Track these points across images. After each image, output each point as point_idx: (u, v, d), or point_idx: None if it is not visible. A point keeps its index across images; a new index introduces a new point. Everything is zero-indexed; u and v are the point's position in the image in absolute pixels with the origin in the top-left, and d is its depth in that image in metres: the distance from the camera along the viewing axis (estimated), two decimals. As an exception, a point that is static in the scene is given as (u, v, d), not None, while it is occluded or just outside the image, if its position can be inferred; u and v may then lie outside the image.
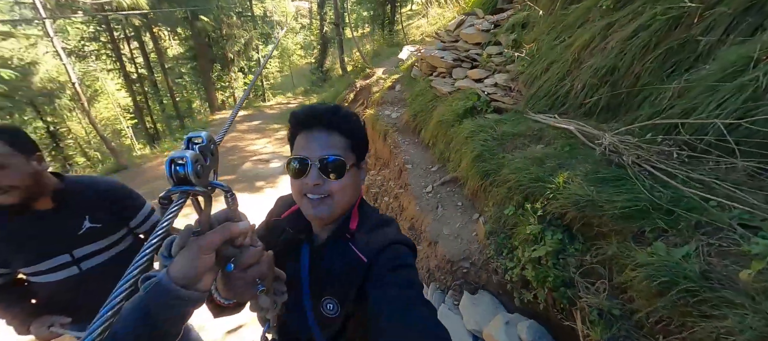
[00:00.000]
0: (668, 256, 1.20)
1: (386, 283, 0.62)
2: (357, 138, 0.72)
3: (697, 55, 1.92)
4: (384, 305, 0.58)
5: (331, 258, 0.72)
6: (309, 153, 0.67)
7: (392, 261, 0.66)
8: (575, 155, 1.96)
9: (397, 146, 3.96)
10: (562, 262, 1.61)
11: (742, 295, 0.99)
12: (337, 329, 0.72)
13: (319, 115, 0.69)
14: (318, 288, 0.72)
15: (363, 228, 0.74)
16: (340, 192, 0.69)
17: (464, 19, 4.55)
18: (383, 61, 9.82)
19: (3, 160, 0.94)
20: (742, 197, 1.27)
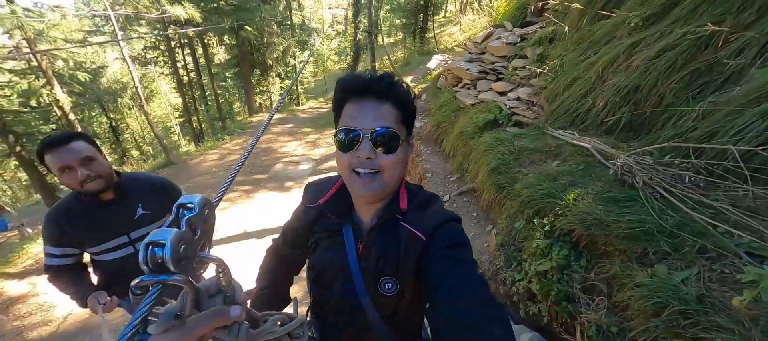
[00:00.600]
0: (668, 278, 1.23)
1: (445, 258, 0.62)
2: (409, 110, 0.67)
3: (725, 78, 1.87)
4: (443, 279, 0.59)
5: (386, 239, 0.70)
6: (360, 124, 0.63)
7: (450, 239, 0.65)
8: (589, 173, 1.98)
9: (419, 155, 4.08)
10: (567, 278, 1.65)
11: (733, 321, 1.01)
12: (393, 307, 0.71)
13: (373, 82, 0.63)
14: (373, 270, 0.70)
15: (411, 205, 0.72)
16: (391, 167, 0.65)
17: (492, 32, 4.61)
18: (413, 70, 10.00)
19: (93, 154, 1.22)
20: (752, 225, 1.26)
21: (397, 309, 0.72)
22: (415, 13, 13.72)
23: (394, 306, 0.71)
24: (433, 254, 0.64)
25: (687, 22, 2.18)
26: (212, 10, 9.49)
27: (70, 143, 1.17)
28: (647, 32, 2.37)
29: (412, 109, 0.68)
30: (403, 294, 0.70)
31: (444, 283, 0.58)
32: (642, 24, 2.48)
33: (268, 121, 1.32)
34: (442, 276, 0.60)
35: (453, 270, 0.60)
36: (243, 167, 4.34)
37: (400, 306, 0.72)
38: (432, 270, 0.62)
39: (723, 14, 2.02)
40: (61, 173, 1.18)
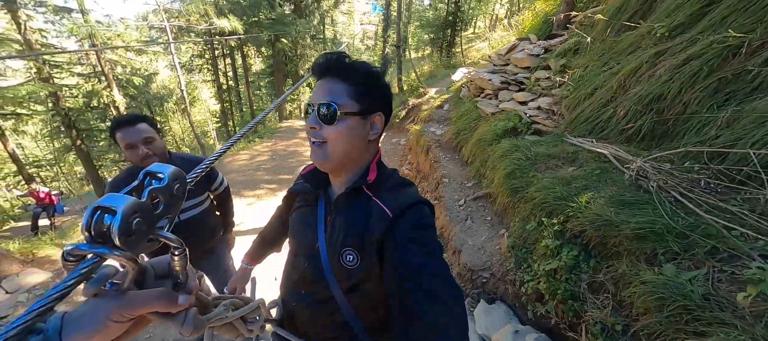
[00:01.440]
0: (675, 277, 1.22)
1: (410, 240, 0.63)
2: (364, 86, 0.70)
3: (754, 87, 1.81)
4: (406, 265, 0.59)
5: (352, 210, 0.73)
6: (315, 98, 0.69)
7: (417, 220, 0.66)
8: (604, 179, 1.97)
9: (438, 161, 4.14)
10: (574, 277, 1.64)
11: (736, 317, 1.00)
12: (354, 282, 0.72)
13: (328, 63, 0.70)
14: (337, 239, 0.72)
15: (385, 185, 0.74)
16: (334, 138, 0.69)
17: (517, 44, 4.65)
18: (438, 82, 10.12)
19: (153, 135, 1.44)
20: (760, 227, 1.22)
21: (358, 283, 0.72)
22: (443, 28, 13.96)
23: (355, 280, 0.71)
24: (399, 233, 0.65)
25: (715, 32, 2.14)
26: (253, 23, 10.29)
27: (136, 124, 1.40)
28: (673, 42, 2.34)
29: (371, 85, 0.70)
30: (364, 269, 0.70)
31: (408, 269, 0.58)
32: (668, 34, 2.45)
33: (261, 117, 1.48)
34: (406, 260, 0.60)
35: (418, 254, 0.60)
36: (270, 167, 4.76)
37: (362, 281, 0.71)
38: (397, 251, 0.62)
39: (754, 24, 1.97)
40: (126, 149, 1.41)
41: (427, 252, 0.61)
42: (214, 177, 1.80)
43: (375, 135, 0.74)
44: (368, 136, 0.73)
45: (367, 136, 0.73)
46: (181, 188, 0.40)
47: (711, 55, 2.02)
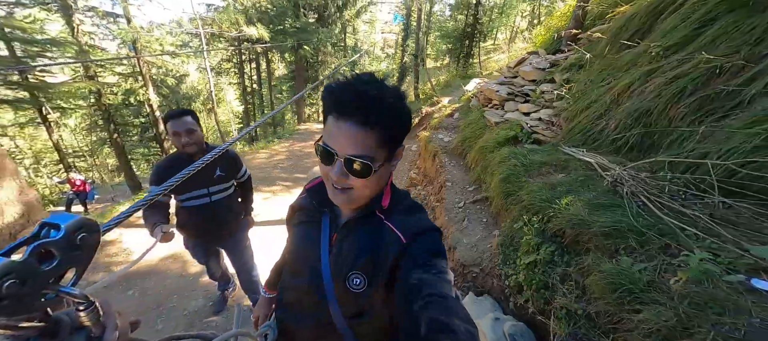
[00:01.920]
0: (629, 268, 1.38)
1: (424, 264, 0.61)
2: (396, 128, 0.63)
3: (734, 105, 1.94)
4: (420, 283, 0.57)
5: (364, 234, 0.70)
6: (337, 145, 0.61)
7: (431, 246, 0.65)
8: (587, 184, 2.12)
9: (443, 166, 4.34)
10: (549, 270, 1.81)
11: (667, 298, 1.16)
12: (359, 308, 0.70)
13: (357, 103, 0.58)
14: (343, 262, 0.70)
15: (397, 209, 0.72)
16: (362, 188, 0.65)
17: (526, 58, 4.82)
18: (452, 92, 10.32)
19: (194, 127, 1.75)
20: (718, 231, 1.37)
21: (362, 310, 0.70)
22: (461, 39, 14.18)
23: (360, 306, 0.70)
24: (413, 258, 0.63)
25: (705, 53, 2.27)
26: (278, 31, 10.92)
27: (183, 117, 1.71)
28: (665, 61, 2.47)
29: (401, 126, 0.64)
30: (370, 294, 0.68)
31: (421, 286, 0.56)
32: (663, 53, 2.58)
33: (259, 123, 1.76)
34: (419, 279, 0.58)
35: (431, 277, 0.58)
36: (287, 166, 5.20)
37: (366, 308, 0.70)
38: (410, 273, 0.60)
39: (738, 46, 2.10)
40: (172, 136, 1.72)
41: (444, 281, 0.59)
42: (240, 168, 2.09)
43: (394, 166, 0.71)
44: (390, 171, 0.70)
45: (390, 170, 0.70)
46: (90, 236, 0.36)
47: (696, 75, 2.15)
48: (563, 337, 1.53)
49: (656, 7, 3.00)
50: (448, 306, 0.52)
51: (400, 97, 0.62)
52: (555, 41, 4.87)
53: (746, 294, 1.10)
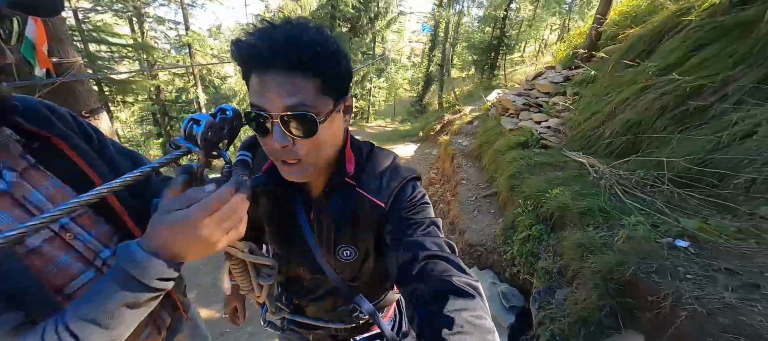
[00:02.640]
0: (592, 235, 1.82)
1: (411, 225, 0.61)
2: (332, 73, 0.51)
3: (706, 119, 2.30)
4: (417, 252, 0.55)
5: (338, 205, 0.66)
6: (267, 103, 0.49)
7: (410, 201, 0.64)
8: (577, 180, 2.53)
9: (460, 167, 4.79)
10: (537, 244, 2.25)
11: (612, 251, 1.60)
12: (355, 271, 0.73)
13: (275, 49, 0.47)
14: (328, 238, 0.69)
15: (365, 169, 0.67)
16: (314, 151, 0.54)
17: (543, 72, 5.20)
18: (475, 101, 10.68)
19: None
20: (668, 213, 1.78)
21: (360, 272, 0.73)
22: (487, 51, 14.50)
23: (357, 270, 0.73)
24: (397, 220, 0.62)
25: (693, 72, 2.62)
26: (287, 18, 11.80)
27: None
28: (659, 80, 2.83)
29: (336, 68, 0.52)
30: (364, 259, 0.71)
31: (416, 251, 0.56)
32: (659, 72, 2.93)
33: None
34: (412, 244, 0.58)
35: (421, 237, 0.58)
36: None
37: (362, 270, 0.73)
38: (400, 238, 0.60)
39: (721, 69, 2.45)
40: None
41: (434, 234, 0.59)
42: None
43: (348, 121, 0.62)
44: (343, 126, 0.61)
45: (342, 127, 0.60)
46: (239, 122, 0.52)
47: (679, 92, 2.52)
48: (540, 289, 1.97)
49: (660, 30, 3.34)
50: (445, 266, 0.52)
51: (322, 30, 0.51)
52: (572, 58, 5.20)
53: (672, 249, 1.52)
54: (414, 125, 12.32)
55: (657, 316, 1.30)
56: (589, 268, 1.60)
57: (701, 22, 2.83)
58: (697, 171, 1.91)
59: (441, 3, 15.14)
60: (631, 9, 4.35)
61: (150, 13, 10.39)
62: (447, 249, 0.58)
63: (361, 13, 13.33)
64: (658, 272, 1.41)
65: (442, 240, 0.59)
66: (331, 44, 0.51)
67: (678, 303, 1.24)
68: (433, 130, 8.97)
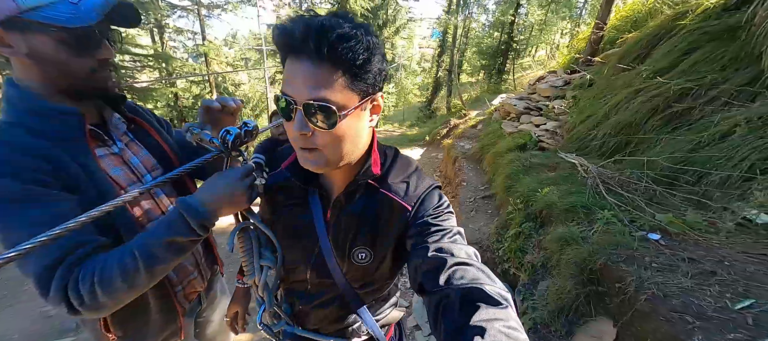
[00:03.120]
0: (573, 229, 1.92)
1: (437, 231, 0.60)
2: (360, 68, 0.51)
3: (691, 120, 2.36)
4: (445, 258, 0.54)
5: (361, 206, 0.67)
6: (294, 90, 0.51)
7: (436, 208, 0.64)
8: (568, 179, 2.62)
9: (461, 169, 4.90)
10: (526, 240, 2.35)
11: (587, 244, 1.70)
12: (367, 279, 0.72)
13: (306, 35, 0.47)
14: (344, 238, 0.68)
15: (390, 172, 0.68)
16: (332, 144, 0.54)
17: (545, 76, 5.28)
18: (481, 106, 10.74)
19: None
20: (645, 209, 1.86)
21: (371, 279, 0.72)
22: (495, 56, 14.56)
23: (368, 276, 0.71)
24: (422, 225, 0.62)
25: (683, 76, 2.68)
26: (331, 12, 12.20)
27: None
28: (651, 83, 2.90)
29: (367, 68, 0.52)
30: (377, 265, 0.69)
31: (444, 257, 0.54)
32: (652, 76, 3.00)
33: None
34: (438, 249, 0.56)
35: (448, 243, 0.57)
36: None
37: (375, 276, 0.72)
38: (425, 244, 0.58)
39: (709, 71, 2.51)
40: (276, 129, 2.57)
41: (459, 243, 0.59)
42: None
43: (375, 120, 0.62)
44: (368, 124, 0.60)
45: (366, 125, 0.60)
46: (257, 132, 0.72)
47: (669, 95, 2.58)
48: (525, 282, 2.08)
49: (656, 35, 3.40)
50: (475, 274, 0.51)
51: (363, 27, 0.51)
52: (574, 62, 5.26)
53: (644, 241, 1.62)
54: (421, 130, 12.45)
55: (622, 301, 1.40)
56: (566, 260, 1.70)
57: (694, 26, 2.89)
58: (678, 169, 1.99)
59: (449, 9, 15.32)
60: (632, 13, 4.40)
61: (170, 24, 10.98)
62: (474, 258, 0.56)
63: (370, 21, 13.64)
64: (626, 261, 1.50)
65: (470, 249, 0.58)
66: (365, 40, 0.50)
67: (640, 289, 1.34)
68: (440, 134, 9.09)
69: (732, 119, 1.98)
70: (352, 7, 12.03)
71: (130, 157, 0.82)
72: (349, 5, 12.04)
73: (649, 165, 2.17)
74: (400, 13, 16.60)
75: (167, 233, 0.63)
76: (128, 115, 0.86)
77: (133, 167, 0.82)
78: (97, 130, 0.76)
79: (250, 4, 11.55)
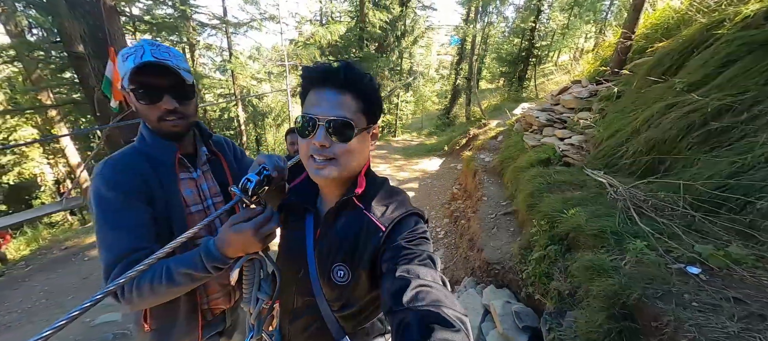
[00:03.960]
0: (603, 257, 1.83)
1: (407, 256, 0.62)
2: (370, 100, 0.69)
3: (731, 140, 2.21)
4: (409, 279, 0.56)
5: (343, 224, 0.72)
6: (318, 112, 0.65)
7: (411, 232, 0.67)
8: (596, 199, 2.51)
9: (482, 183, 4.81)
10: (552, 264, 2.27)
11: (619, 275, 1.62)
12: (345, 300, 0.73)
13: (332, 72, 0.65)
14: (327, 255, 0.72)
15: (374, 196, 0.74)
16: (346, 155, 0.67)
17: (569, 87, 5.12)
18: (501, 115, 10.54)
19: None
20: (682, 237, 1.75)
21: (348, 301, 0.73)
22: (516, 63, 14.29)
23: (345, 297, 0.72)
24: (394, 248, 0.64)
25: (721, 90, 2.52)
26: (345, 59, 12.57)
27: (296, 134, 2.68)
28: (684, 97, 2.75)
29: (374, 98, 0.69)
30: (354, 285, 0.71)
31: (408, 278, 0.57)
32: (686, 89, 2.84)
33: None
34: (405, 271, 0.59)
35: (415, 266, 0.60)
36: None
37: (352, 299, 0.73)
38: (394, 265, 0.61)
39: (750, 86, 2.34)
40: (290, 144, 2.68)
41: (428, 267, 0.60)
42: None
43: (373, 147, 0.75)
44: (368, 148, 0.73)
45: (368, 147, 0.73)
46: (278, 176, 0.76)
47: (706, 111, 2.44)
48: (551, 310, 2.00)
49: (689, 45, 3.23)
50: (437, 296, 0.52)
51: (368, 74, 0.69)
52: (600, 74, 5.07)
53: (682, 275, 1.52)
54: (440, 139, 12.36)
55: (659, 342, 1.32)
56: (597, 291, 1.63)
57: (732, 37, 2.72)
58: (719, 195, 1.86)
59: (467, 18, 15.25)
60: (662, 21, 4.20)
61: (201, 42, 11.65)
62: (440, 282, 0.58)
63: (388, 33, 13.85)
64: (663, 298, 1.42)
65: (437, 274, 0.60)
66: (373, 81, 0.70)
67: (679, 330, 1.26)
68: (459, 144, 8.99)
69: (779, 140, 1.84)
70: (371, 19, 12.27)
71: (203, 183, 1.04)
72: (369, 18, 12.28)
73: (685, 188, 2.05)
74: (418, 23, 16.71)
75: (187, 266, 0.78)
76: (213, 148, 1.09)
77: (202, 191, 1.03)
78: (184, 159, 1.00)
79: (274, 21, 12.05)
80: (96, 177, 0.86)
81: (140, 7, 8.92)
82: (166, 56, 0.86)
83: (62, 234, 5.38)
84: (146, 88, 0.86)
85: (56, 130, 7.97)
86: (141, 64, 0.82)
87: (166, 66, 0.85)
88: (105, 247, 0.80)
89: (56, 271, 3.66)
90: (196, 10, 10.22)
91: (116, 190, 0.83)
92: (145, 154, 0.92)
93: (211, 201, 1.04)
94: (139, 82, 0.85)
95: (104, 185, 0.84)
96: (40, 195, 11.21)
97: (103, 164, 0.88)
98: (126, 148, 0.95)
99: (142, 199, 0.86)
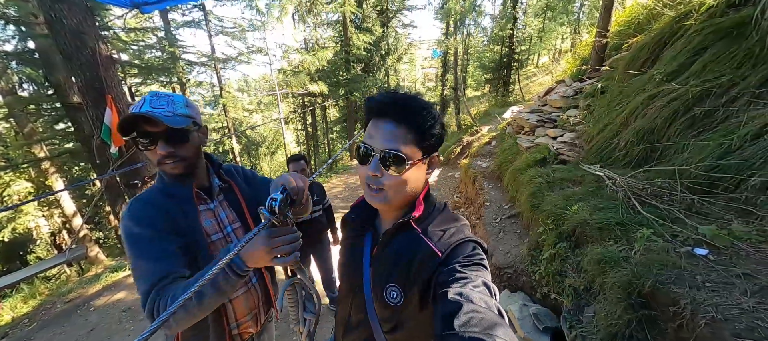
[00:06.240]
0: (611, 249, 1.88)
1: (462, 279, 0.59)
2: (427, 133, 0.69)
3: (715, 123, 2.32)
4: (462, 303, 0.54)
5: (399, 246, 0.73)
6: (374, 142, 0.68)
7: (466, 257, 0.65)
8: (595, 193, 2.58)
9: (482, 189, 4.88)
10: (563, 261, 2.30)
11: (629, 264, 1.67)
12: (395, 322, 0.73)
13: (391, 104, 0.67)
14: (381, 275, 0.73)
15: (432, 220, 0.74)
16: (395, 187, 0.69)
17: (554, 87, 5.31)
18: (491, 120, 10.77)
19: (304, 167, 2.71)
20: (686, 221, 1.82)
21: (399, 322, 0.73)
22: (499, 69, 14.73)
23: (397, 319, 0.73)
24: (449, 272, 0.63)
25: (697, 78, 2.67)
26: (333, 83, 12.89)
27: (299, 160, 2.71)
28: (666, 86, 2.89)
29: (432, 131, 0.69)
30: (406, 307, 0.71)
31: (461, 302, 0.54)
32: (665, 79, 2.99)
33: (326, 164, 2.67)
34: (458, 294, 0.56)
35: (470, 291, 0.57)
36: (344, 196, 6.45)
37: (403, 321, 0.73)
38: (447, 289, 0.59)
39: (724, 71, 2.49)
40: (293, 170, 2.71)
41: (483, 294, 0.57)
42: (325, 196, 3.02)
43: (430, 174, 0.76)
44: (425, 175, 0.75)
45: (423, 176, 0.74)
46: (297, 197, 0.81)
47: (687, 98, 2.56)
48: (570, 307, 2.02)
49: (661, 38, 3.42)
50: (490, 323, 0.50)
51: (430, 105, 0.70)
52: (581, 73, 5.28)
53: (691, 257, 1.57)
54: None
55: (680, 327, 1.35)
56: (611, 283, 1.66)
57: (700, 26, 2.90)
58: (712, 176, 1.94)
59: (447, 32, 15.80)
60: (633, 18, 4.44)
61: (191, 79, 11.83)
62: (495, 311, 0.54)
63: (373, 53, 14.26)
64: (676, 282, 1.46)
65: (492, 301, 0.56)
66: (433, 112, 0.70)
67: (697, 312, 1.30)
68: (454, 152, 9.11)
69: (761, 119, 1.94)
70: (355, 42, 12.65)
71: (220, 212, 1.11)
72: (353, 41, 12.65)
73: (680, 173, 2.13)
74: (401, 41, 17.25)
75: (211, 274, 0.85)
76: (224, 178, 1.15)
77: (220, 220, 1.10)
78: (201, 192, 1.07)
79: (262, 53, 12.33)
80: (125, 218, 0.94)
81: (130, 53, 9.09)
82: (163, 105, 0.94)
83: (62, 287, 5.25)
84: (142, 136, 0.94)
85: (51, 181, 7.90)
86: (130, 116, 0.90)
87: (149, 118, 0.91)
88: (141, 278, 0.87)
89: (62, 326, 3.56)
90: (185, 50, 10.45)
91: (144, 225, 0.92)
92: (166, 192, 1.01)
93: (230, 228, 1.12)
94: (136, 130, 0.93)
95: (134, 223, 0.92)
96: (34, 250, 10.92)
97: (130, 205, 0.98)
98: (149, 188, 1.04)
99: (169, 230, 0.94)
